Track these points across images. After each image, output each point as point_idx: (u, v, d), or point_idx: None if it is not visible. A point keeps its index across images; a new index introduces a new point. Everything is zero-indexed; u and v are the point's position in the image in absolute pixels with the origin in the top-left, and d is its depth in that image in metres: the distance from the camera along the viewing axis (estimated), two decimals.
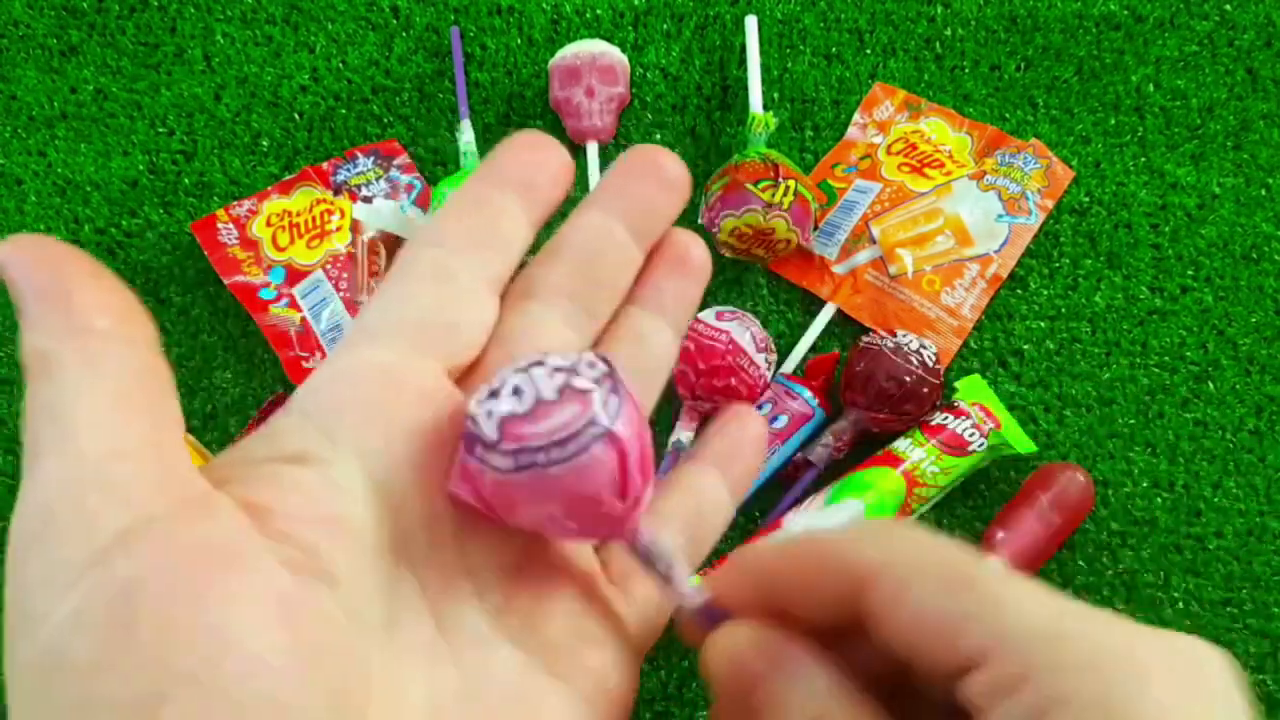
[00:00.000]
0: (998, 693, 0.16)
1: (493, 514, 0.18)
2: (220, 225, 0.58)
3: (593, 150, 0.59)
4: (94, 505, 0.15)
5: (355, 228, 0.58)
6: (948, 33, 0.64)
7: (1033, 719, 0.15)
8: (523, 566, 0.20)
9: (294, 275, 0.57)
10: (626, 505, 0.18)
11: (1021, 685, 0.15)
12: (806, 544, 0.19)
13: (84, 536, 0.15)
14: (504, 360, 0.20)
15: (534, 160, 0.22)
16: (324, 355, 0.55)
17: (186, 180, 0.60)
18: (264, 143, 0.61)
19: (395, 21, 0.64)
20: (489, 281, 0.21)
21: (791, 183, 0.54)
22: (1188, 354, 0.57)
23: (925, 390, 0.51)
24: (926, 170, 0.59)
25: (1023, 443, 0.52)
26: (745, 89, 0.60)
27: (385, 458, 0.18)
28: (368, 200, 0.59)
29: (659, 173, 0.22)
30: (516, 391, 0.18)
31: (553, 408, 0.17)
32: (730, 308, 0.55)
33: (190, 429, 0.54)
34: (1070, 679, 0.15)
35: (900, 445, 0.52)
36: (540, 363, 0.18)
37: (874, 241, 0.58)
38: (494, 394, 0.18)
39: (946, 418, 0.52)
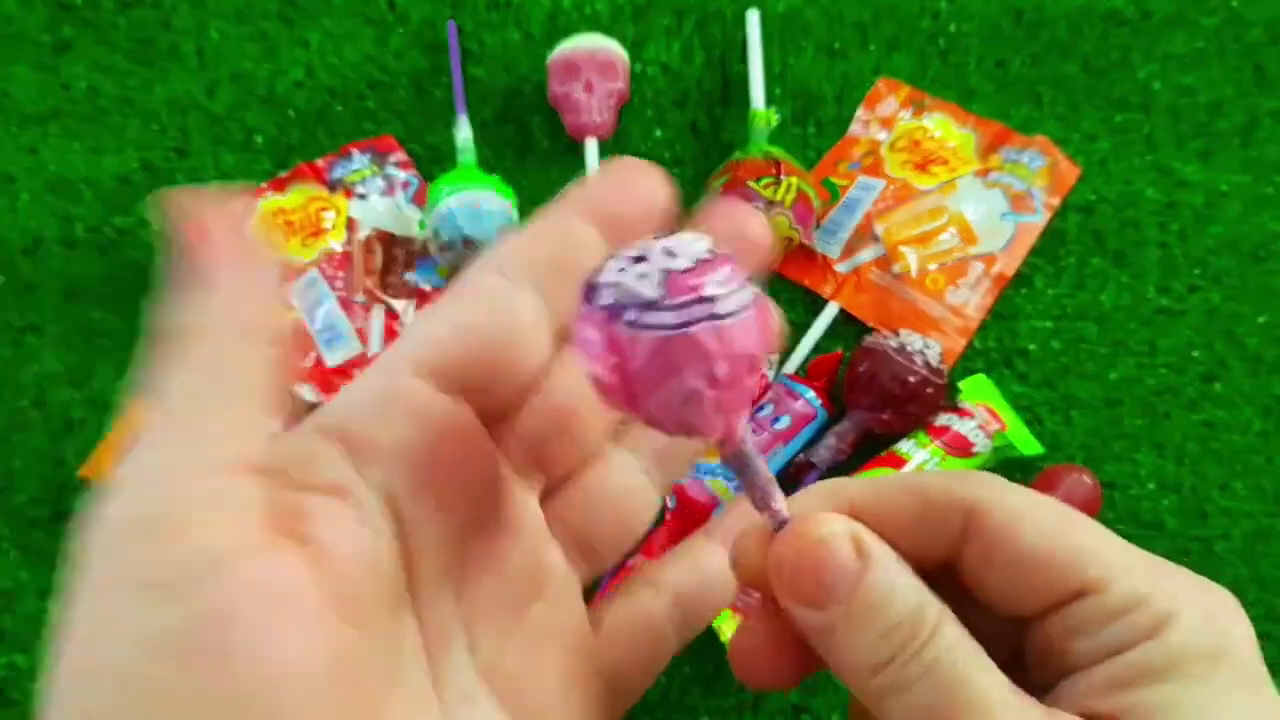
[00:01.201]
0: (1112, 615, 0.17)
1: (628, 399, 0.18)
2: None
3: (591, 147, 0.58)
4: (198, 526, 0.15)
5: (351, 225, 0.57)
6: (952, 28, 0.63)
7: (1145, 635, 0.17)
8: (514, 623, 0.20)
9: (288, 274, 0.56)
10: (757, 381, 0.18)
11: (1137, 606, 0.17)
12: (906, 479, 0.19)
13: (181, 557, 0.15)
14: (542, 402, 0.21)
15: (625, 192, 0.21)
16: (319, 355, 0.55)
17: (180, 177, 0.60)
18: (258, 139, 0.61)
19: (391, 16, 0.64)
20: (547, 319, 0.20)
21: (793, 180, 0.53)
22: (1195, 354, 0.56)
23: (929, 391, 0.51)
24: (930, 167, 0.58)
25: (1028, 444, 0.51)
26: (747, 85, 0.59)
27: (410, 502, 0.18)
28: (363, 197, 0.58)
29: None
30: (669, 253, 0.17)
31: (709, 266, 0.17)
32: None
33: None
34: (1178, 600, 0.17)
35: (904, 447, 0.51)
36: (670, 237, 0.18)
37: (877, 240, 0.57)
38: (638, 259, 0.17)
39: (951, 419, 0.51)
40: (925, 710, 0.17)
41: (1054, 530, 0.18)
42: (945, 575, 0.19)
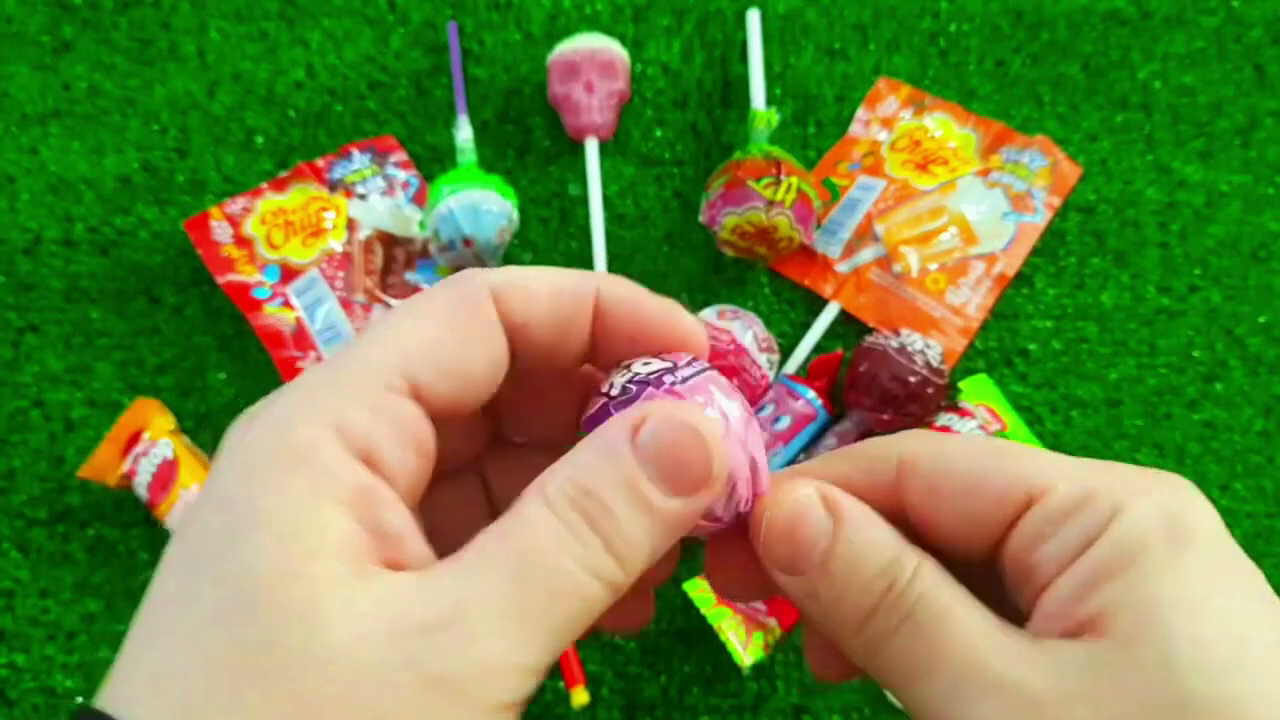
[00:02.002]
0: (1062, 517, 0.17)
1: None
2: (214, 223, 0.57)
3: (592, 146, 0.58)
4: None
5: (351, 225, 0.57)
6: (952, 28, 0.63)
7: (1098, 530, 0.17)
8: None
9: (288, 274, 0.56)
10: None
11: (1085, 503, 0.17)
12: (843, 450, 0.20)
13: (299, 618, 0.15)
14: None
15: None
16: (319, 355, 0.54)
17: (180, 178, 0.60)
18: (258, 139, 0.61)
19: (392, 16, 0.64)
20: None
21: (794, 180, 0.53)
22: (1195, 354, 0.56)
23: (930, 391, 0.51)
24: (931, 167, 0.58)
25: (1029, 444, 0.51)
26: (747, 85, 0.59)
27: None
28: (363, 197, 0.58)
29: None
30: (645, 363, 0.21)
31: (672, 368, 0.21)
32: (732, 307, 0.54)
33: (184, 430, 0.53)
34: (1125, 491, 0.17)
35: None
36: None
37: (878, 239, 0.57)
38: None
39: (951, 419, 0.51)
40: (911, 652, 0.17)
41: (985, 454, 0.19)
42: (915, 542, 0.19)
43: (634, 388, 0.19)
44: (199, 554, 0.16)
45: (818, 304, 0.57)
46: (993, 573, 0.19)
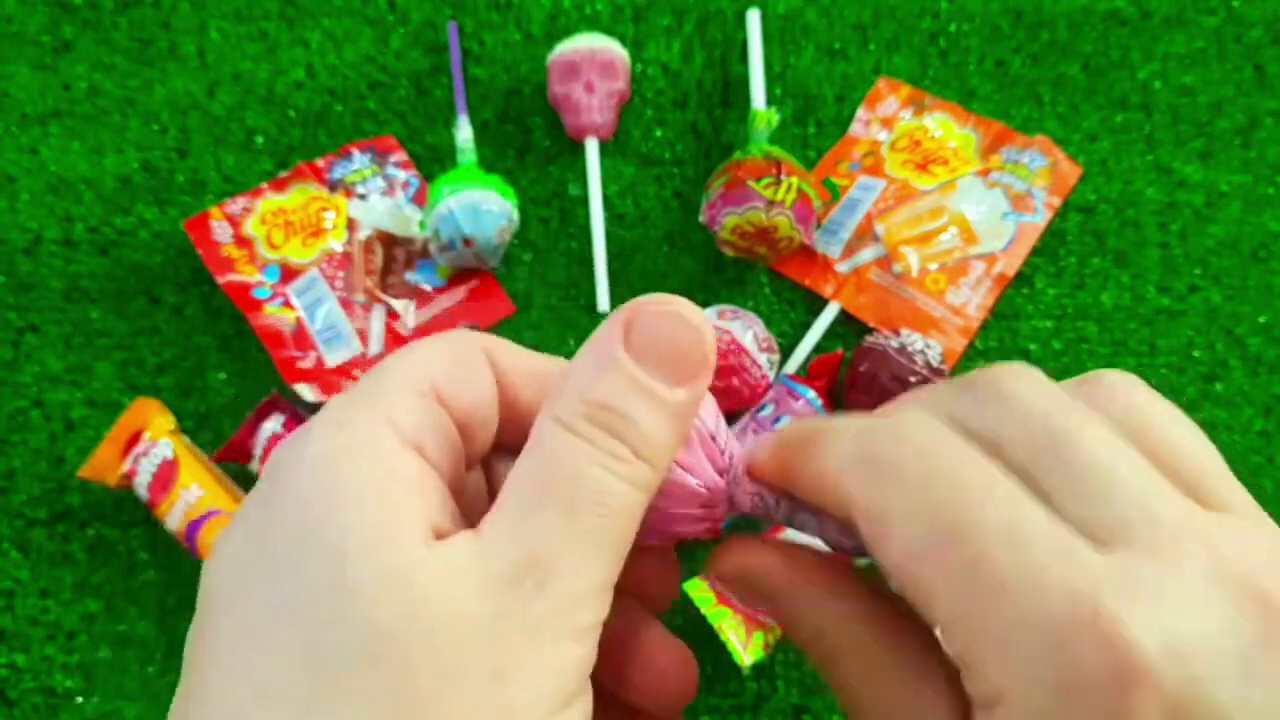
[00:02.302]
0: (955, 662, 0.17)
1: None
2: (214, 223, 0.57)
3: (592, 146, 0.58)
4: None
5: (351, 225, 0.57)
6: (952, 28, 0.63)
7: (981, 707, 0.16)
8: None
9: (288, 274, 0.56)
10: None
11: (967, 668, 0.16)
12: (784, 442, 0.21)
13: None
14: None
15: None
16: (319, 355, 0.54)
17: (180, 178, 0.60)
18: (258, 139, 0.61)
19: (392, 16, 0.64)
20: None
21: (794, 180, 0.53)
22: (1195, 354, 0.56)
23: None
24: (931, 167, 0.58)
25: None
26: (747, 85, 0.59)
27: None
28: (363, 197, 0.58)
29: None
30: None
31: None
32: (732, 307, 0.54)
33: (184, 430, 0.53)
34: (1006, 675, 0.16)
35: None
36: None
37: (878, 239, 0.57)
38: None
39: None
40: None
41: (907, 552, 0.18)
42: None
43: None
44: (275, 549, 0.16)
45: (818, 304, 0.57)
46: None
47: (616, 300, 0.56)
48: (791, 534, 0.39)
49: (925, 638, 0.18)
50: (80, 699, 0.50)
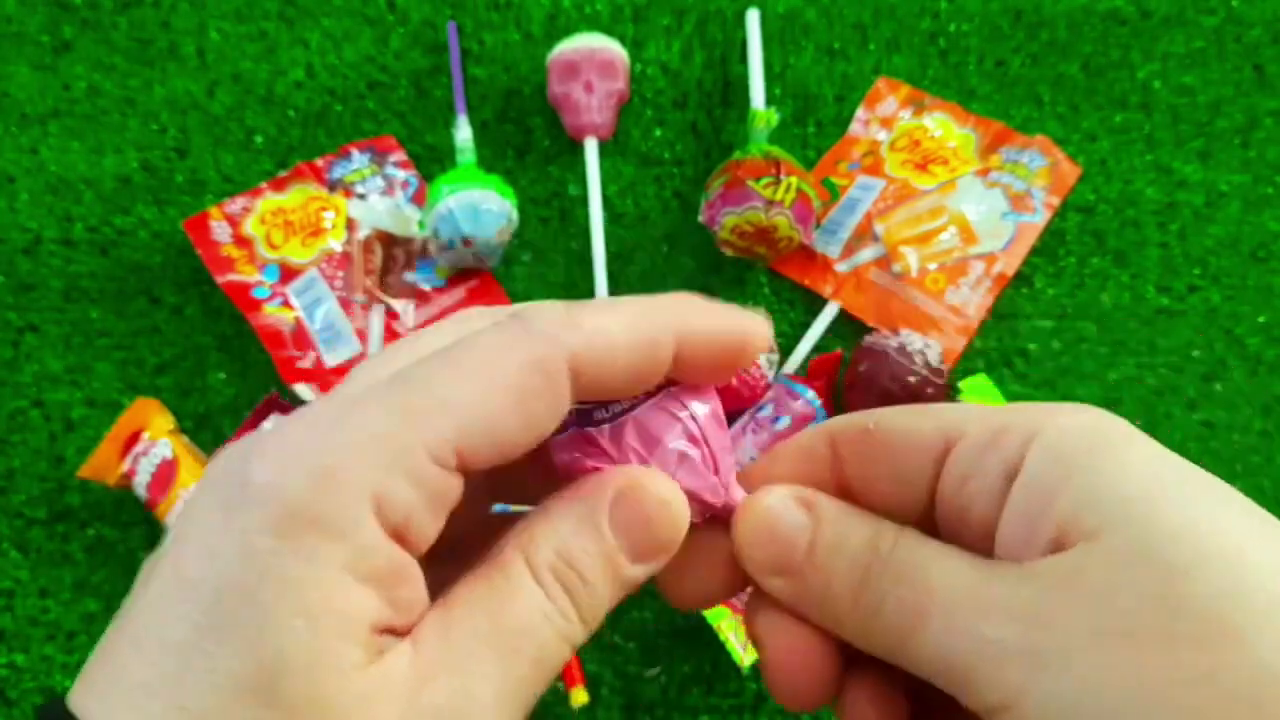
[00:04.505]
0: (977, 454, 0.18)
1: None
2: (213, 223, 0.57)
3: (591, 146, 0.58)
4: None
5: (351, 225, 0.57)
6: (952, 28, 0.63)
7: (1016, 454, 0.17)
8: None
9: (288, 274, 0.56)
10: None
11: (998, 436, 0.18)
12: (779, 454, 0.21)
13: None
14: None
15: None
16: (318, 355, 0.54)
17: (179, 177, 0.60)
18: (258, 139, 0.61)
19: (391, 16, 0.64)
20: None
21: (793, 180, 0.53)
22: (1195, 354, 0.56)
23: (929, 391, 0.51)
24: (931, 167, 0.58)
25: None
26: (747, 85, 0.59)
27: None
28: (363, 197, 0.58)
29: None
30: None
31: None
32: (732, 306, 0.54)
33: (183, 430, 0.53)
34: (1036, 420, 0.18)
35: None
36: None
37: (877, 239, 0.57)
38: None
39: None
40: (902, 609, 0.18)
41: (904, 414, 0.20)
42: None
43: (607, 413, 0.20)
44: (213, 600, 0.15)
45: (817, 304, 0.57)
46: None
47: None
48: None
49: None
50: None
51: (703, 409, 0.20)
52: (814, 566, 0.19)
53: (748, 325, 0.20)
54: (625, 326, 0.18)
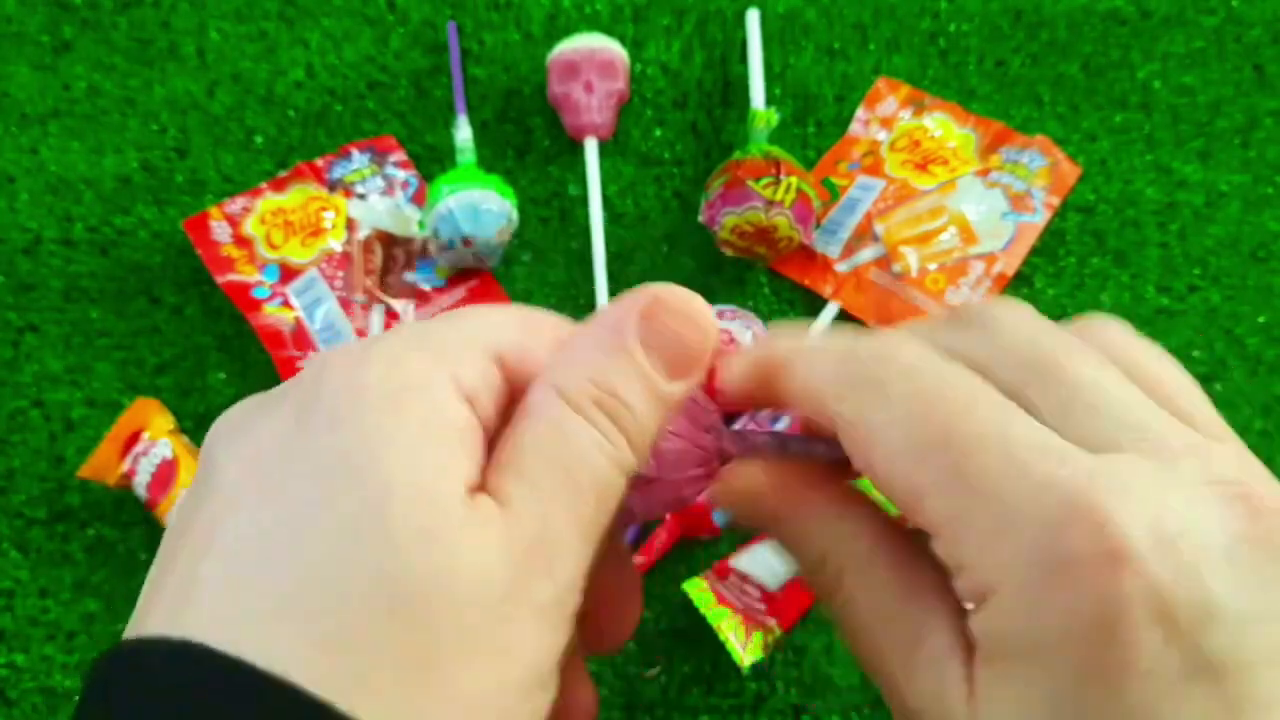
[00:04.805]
0: (947, 566, 0.18)
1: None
2: (213, 223, 0.57)
3: (591, 146, 0.58)
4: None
5: (350, 225, 0.57)
6: (952, 28, 0.63)
7: (971, 601, 0.17)
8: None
9: (288, 274, 0.56)
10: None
11: (959, 571, 0.17)
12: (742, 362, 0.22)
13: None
14: None
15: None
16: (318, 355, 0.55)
17: (179, 177, 0.60)
18: (258, 139, 0.61)
19: (391, 16, 0.64)
20: None
21: (793, 180, 0.53)
22: (1195, 354, 0.56)
23: None
24: (931, 167, 0.58)
25: None
26: (747, 85, 0.59)
27: None
28: (363, 197, 0.58)
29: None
30: None
31: None
32: (731, 306, 0.54)
33: (183, 430, 0.53)
34: (998, 575, 0.17)
35: None
36: None
37: (877, 239, 0.57)
38: None
39: None
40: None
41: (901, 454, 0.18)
42: None
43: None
44: (310, 467, 0.16)
45: (817, 304, 0.57)
46: None
47: None
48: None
49: (929, 557, 0.19)
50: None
51: None
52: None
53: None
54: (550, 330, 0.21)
